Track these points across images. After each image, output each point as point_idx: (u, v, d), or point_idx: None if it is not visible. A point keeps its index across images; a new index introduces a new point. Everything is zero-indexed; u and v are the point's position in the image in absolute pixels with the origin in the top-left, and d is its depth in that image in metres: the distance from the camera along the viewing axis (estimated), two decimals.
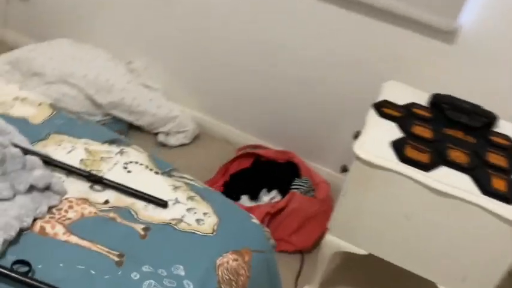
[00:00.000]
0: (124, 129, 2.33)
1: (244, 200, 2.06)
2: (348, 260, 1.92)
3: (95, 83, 2.23)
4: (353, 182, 1.50)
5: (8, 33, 2.74)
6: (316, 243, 1.99)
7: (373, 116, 1.61)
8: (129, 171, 1.20)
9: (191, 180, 1.25)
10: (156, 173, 1.22)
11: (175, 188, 1.19)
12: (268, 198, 2.06)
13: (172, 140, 2.36)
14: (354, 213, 1.54)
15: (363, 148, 1.44)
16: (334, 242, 1.61)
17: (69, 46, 2.38)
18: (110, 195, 1.12)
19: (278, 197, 2.06)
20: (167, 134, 2.37)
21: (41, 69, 2.22)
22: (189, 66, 2.38)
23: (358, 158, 1.43)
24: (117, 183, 1.13)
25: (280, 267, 1.34)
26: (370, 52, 1.99)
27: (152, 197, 1.12)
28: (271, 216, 1.94)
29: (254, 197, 2.08)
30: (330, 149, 2.28)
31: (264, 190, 2.10)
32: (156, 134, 2.38)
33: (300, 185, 2.06)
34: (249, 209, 1.97)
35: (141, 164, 1.23)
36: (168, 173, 1.23)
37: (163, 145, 2.35)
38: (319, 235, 2.00)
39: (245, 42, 2.18)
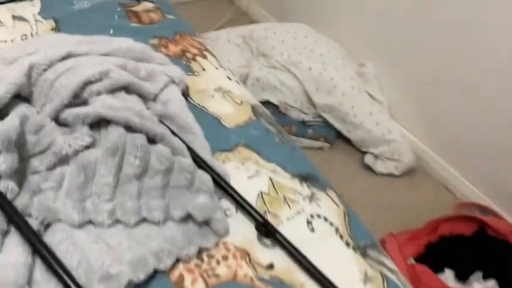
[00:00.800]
0: (331, 138, 1.99)
1: (448, 276, 1.53)
2: None
3: (317, 80, 1.93)
4: None
5: (252, 7, 2.65)
6: None
7: None
8: (312, 230, 0.85)
9: (391, 270, 0.83)
10: (347, 244, 0.84)
11: (367, 279, 0.79)
12: (482, 286, 1.50)
13: (381, 167, 1.94)
14: None
15: None
16: None
17: (304, 33, 2.12)
18: (278, 257, 0.79)
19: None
20: (376, 157, 1.95)
21: (269, 51, 2.02)
22: (427, 86, 1.87)
23: None
24: (295, 248, 0.79)
25: None
26: None
27: (332, 285, 0.75)
28: None
29: (463, 276, 1.54)
30: None
31: (479, 273, 1.53)
32: (364, 152, 1.99)
33: None
34: None
35: (331, 224, 0.86)
36: (362, 249, 0.84)
37: (369, 168, 1.95)
38: None
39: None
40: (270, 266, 0.78)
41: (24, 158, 0.75)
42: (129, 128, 0.80)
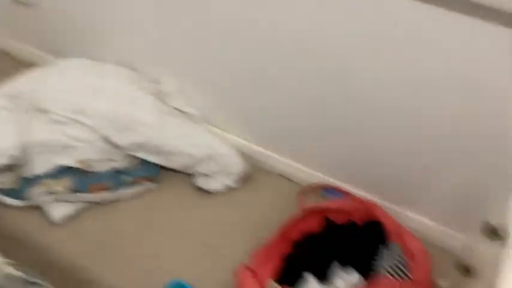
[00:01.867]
0: (153, 175, 1.74)
1: (311, 281, 1.43)
2: None
3: (113, 120, 1.63)
4: None
5: (13, 44, 2.20)
6: None
7: None
8: None
9: None
10: None
11: None
12: (345, 283, 1.41)
13: (215, 184, 1.73)
14: None
15: None
16: None
17: (84, 69, 1.78)
18: None
19: (354, 277, 1.40)
20: (207, 176, 1.75)
21: (45, 105, 1.65)
22: (237, 86, 1.69)
23: None
24: None
25: None
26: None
27: None
28: None
29: (324, 275, 1.44)
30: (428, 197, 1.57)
31: (335, 264, 1.43)
32: (191, 175, 1.77)
33: (387, 261, 1.40)
34: None
35: None
36: None
37: (204, 190, 1.75)
38: None
39: (314, 50, 1.44)
40: None
41: None
42: None
